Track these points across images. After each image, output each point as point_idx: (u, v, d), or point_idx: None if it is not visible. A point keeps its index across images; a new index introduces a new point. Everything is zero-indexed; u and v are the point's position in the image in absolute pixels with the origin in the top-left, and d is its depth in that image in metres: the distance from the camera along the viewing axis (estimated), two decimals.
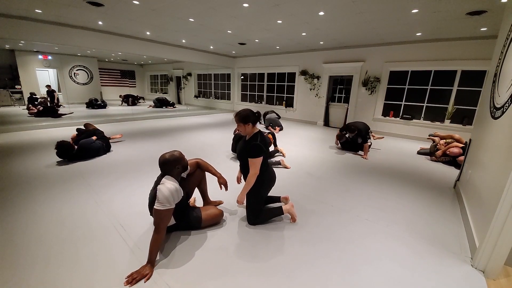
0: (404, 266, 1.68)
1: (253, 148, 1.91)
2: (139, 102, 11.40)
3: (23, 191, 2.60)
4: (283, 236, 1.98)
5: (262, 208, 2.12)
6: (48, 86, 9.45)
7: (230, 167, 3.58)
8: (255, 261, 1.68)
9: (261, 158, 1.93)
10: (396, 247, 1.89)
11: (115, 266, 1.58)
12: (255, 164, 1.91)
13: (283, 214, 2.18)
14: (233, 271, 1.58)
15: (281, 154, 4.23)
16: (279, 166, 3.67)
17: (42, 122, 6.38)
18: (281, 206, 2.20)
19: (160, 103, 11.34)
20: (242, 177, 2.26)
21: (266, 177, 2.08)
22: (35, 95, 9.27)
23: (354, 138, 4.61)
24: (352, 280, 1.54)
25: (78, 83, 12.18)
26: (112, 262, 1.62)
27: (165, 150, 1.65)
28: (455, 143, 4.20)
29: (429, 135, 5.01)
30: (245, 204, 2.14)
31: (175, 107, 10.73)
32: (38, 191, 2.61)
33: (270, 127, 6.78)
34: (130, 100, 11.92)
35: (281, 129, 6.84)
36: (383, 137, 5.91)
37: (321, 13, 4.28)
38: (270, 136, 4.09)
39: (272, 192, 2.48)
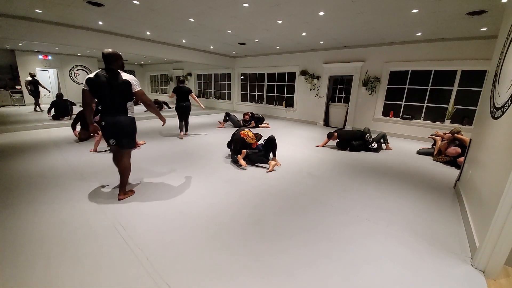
0: (404, 266, 1.68)
1: None
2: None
3: (24, 191, 2.60)
4: (283, 236, 1.98)
5: None
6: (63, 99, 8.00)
7: (229, 167, 3.59)
8: (255, 261, 1.68)
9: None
10: (396, 247, 1.89)
11: (115, 266, 1.58)
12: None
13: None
14: (233, 271, 1.58)
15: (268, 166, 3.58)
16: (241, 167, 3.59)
17: (43, 122, 6.38)
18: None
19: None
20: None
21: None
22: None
23: (340, 146, 5.00)
24: (352, 280, 1.54)
25: (78, 83, 12.18)
26: (112, 262, 1.62)
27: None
28: (459, 135, 4.14)
29: (431, 135, 4.99)
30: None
31: (170, 107, 10.77)
32: (38, 191, 2.61)
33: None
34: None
35: (256, 119, 7.21)
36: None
37: (321, 13, 4.29)
38: (244, 133, 3.78)
39: (270, 192, 2.49)
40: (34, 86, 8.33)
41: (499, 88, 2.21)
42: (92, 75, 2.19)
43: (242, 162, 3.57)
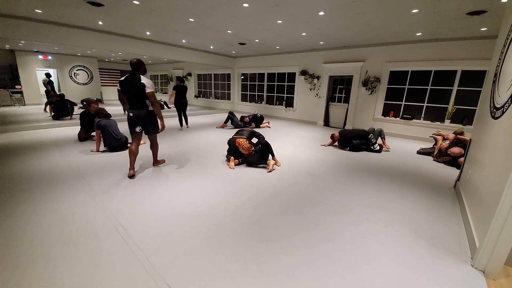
0: (404, 266, 1.68)
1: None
2: None
3: (24, 191, 2.60)
4: (283, 236, 1.98)
5: None
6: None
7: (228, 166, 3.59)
8: (255, 261, 1.68)
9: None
10: (396, 247, 1.89)
11: (115, 266, 1.58)
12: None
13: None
14: (233, 271, 1.58)
15: (268, 166, 3.61)
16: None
17: (43, 122, 6.37)
18: None
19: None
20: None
21: None
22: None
23: (341, 144, 5.04)
24: (352, 280, 1.54)
25: (78, 83, 12.19)
26: (112, 262, 1.62)
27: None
28: (462, 136, 4.14)
29: (432, 134, 4.98)
30: None
31: (169, 107, 10.76)
32: (38, 191, 2.61)
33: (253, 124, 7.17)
34: None
35: (257, 120, 7.21)
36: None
37: (321, 13, 4.28)
38: (239, 142, 3.70)
39: (270, 192, 2.49)
40: (51, 87, 8.41)
41: (499, 88, 2.21)
42: (122, 78, 2.89)
43: (231, 164, 3.59)
